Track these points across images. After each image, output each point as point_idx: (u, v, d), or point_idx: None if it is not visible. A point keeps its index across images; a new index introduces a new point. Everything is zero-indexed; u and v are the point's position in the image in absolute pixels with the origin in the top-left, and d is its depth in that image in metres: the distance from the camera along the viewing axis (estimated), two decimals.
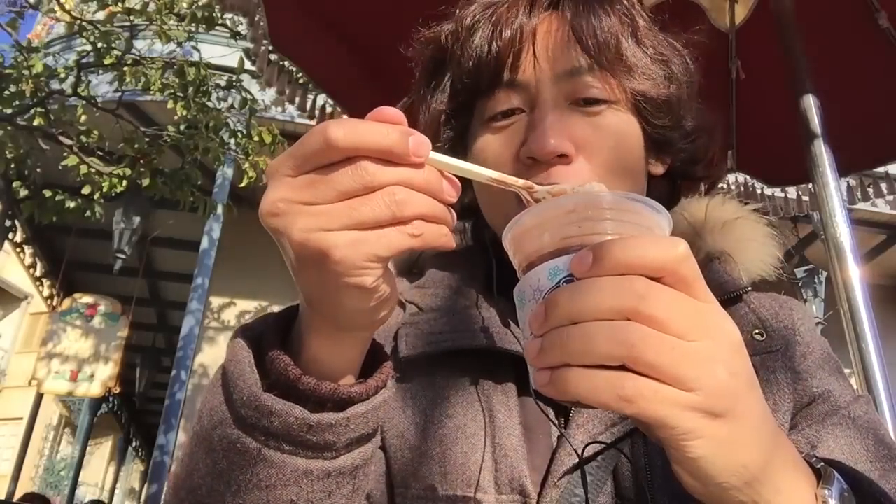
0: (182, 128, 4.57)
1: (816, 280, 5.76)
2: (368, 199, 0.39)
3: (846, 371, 0.73)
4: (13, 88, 4.21)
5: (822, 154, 1.62)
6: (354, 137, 0.39)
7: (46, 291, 8.04)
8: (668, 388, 0.36)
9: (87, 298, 6.90)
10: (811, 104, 1.65)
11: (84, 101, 4.48)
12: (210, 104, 4.60)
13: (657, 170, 0.73)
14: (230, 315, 6.63)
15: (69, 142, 4.35)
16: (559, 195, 0.47)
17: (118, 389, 7.34)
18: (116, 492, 16.55)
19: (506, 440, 0.61)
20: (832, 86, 1.74)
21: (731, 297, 0.69)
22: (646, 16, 0.71)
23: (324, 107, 2.29)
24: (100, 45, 4.46)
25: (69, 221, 5.11)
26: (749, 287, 0.71)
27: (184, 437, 5.31)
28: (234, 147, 4.81)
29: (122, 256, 5.80)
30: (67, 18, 4.64)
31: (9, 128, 4.34)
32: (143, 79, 4.51)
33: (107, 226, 5.54)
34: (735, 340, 0.39)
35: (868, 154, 2.24)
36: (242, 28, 3.82)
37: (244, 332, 0.50)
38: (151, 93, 4.56)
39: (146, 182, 4.42)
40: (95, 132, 4.45)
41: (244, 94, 4.73)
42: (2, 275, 15.64)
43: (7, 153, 4.40)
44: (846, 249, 1.55)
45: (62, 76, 4.53)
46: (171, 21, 4.51)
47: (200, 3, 4.46)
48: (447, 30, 0.74)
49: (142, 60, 4.57)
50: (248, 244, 5.55)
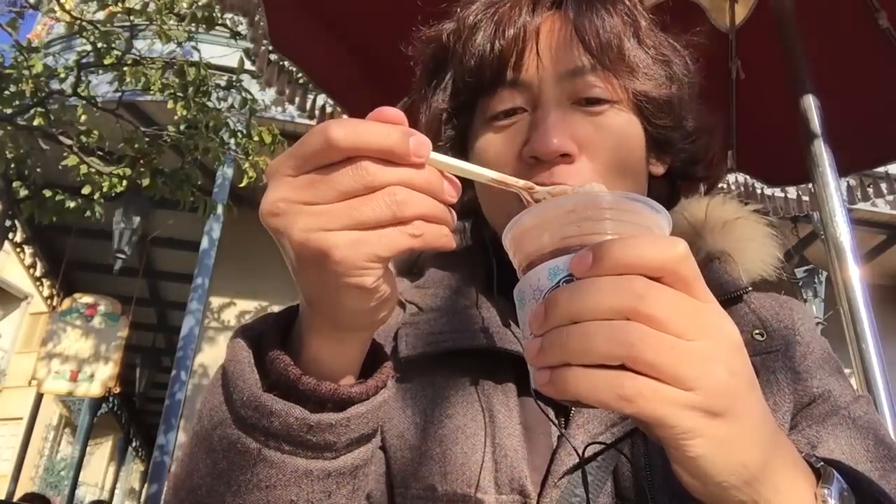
0: (182, 128, 4.57)
1: (816, 280, 5.76)
2: (369, 200, 0.39)
3: (846, 371, 0.73)
4: (13, 88, 4.21)
5: (822, 154, 1.62)
6: (355, 137, 0.39)
7: (46, 291, 8.04)
8: (668, 388, 0.36)
9: (87, 298, 6.90)
10: (811, 104, 1.65)
11: (84, 101, 4.48)
12: (210, 104, 4.60)
13: (658, 170, 0.74)
14: (230, 315, 6.63)
15: (69, 142, 4.36)
16: (559, 196, 0.47)
17: (118, 389, 7.34)
18: (116, 492, 16.54)
19: (506, 440, 0.61)
20: (832, 86, 1.74)
21: (732, 297, 0.69)
22: (647, 16, 0.71)
23: (324, 107, 2.28)
24: (100, 45, 4.46)
25: (69, 221, 5.11)
26: (749, 287, 0.71)
27: (184, 437, 5.31)
28: (234, 147, 4.81)
29: (122, 256, 5.80)
30: (67, 18, 4.64)
31: (9, 128, 4.34)
32: (143, 79, 4.51)
33: (107, 226, 5.54)
34: (734, 340, 0.39)
35: (868, 154, 2.24)
36: (242, 28, 3.82)
37: (244, 332, 0.50)
38: (151, 93, 4.56)
39: (146, 182, 4.42)
40: (95, 132, 4.45)
41: (244, 94, 4.73)
42: (2, 275, 15.64)
43: (7, 153, 4.40)
44: (846, 249, 1.55)
45: (62, 76, 4.53)
46: (171, 21, 4.51)
47: (200, 3, 4.46)
48: (449, 28, 0.73)
49: (142, 60, 4.57)
50: (248, 244, 5.55)
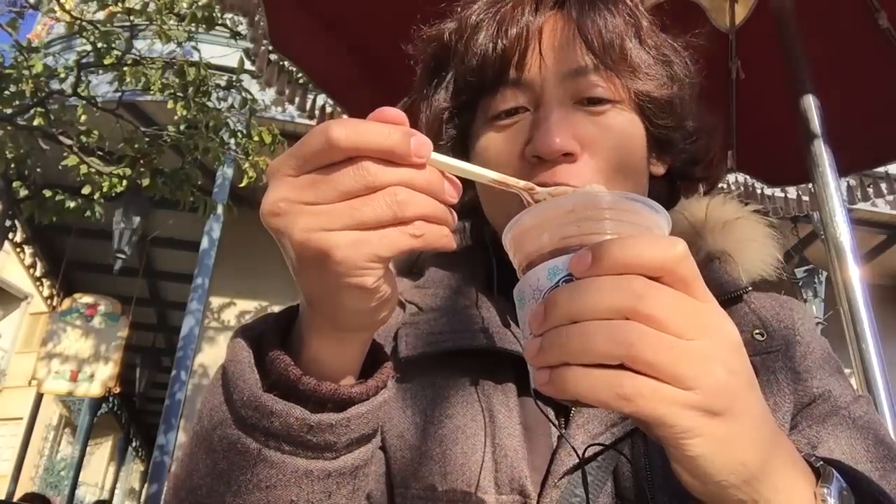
0: (182, 128, 4.57)
1: (816, 280, 5.76)
2: (370, 200, 0.39)
3: (846, 371, 0.73)
4: (13, 88, 4.21)
5: (822, 154, 1.62)
6: (356, 138, 0.39)
7: (46, 291, 8.04)
8: (667, 387, 0.36)
9: (87, 298, 6.90)
10: (811, 104, 1.65)
11: (84, 101, 4.48)
12: (210, 104, 4.61)
13: (658, 170, 0.74)
14: (230, 315, 6.63)
15: (69, 142, 4.36)
16: (559, 196, 0.47)
17: (118, 389, 7.34)
18: (116, 492, 16.54)
19: (506, 440, 0.61)
20: (832, 86, 1.74)
21: (732, 297, 0.69)
22: (648, 17, 0.71)
23: (324, 107, 2.28)
24: (100, 45, 4.46)
25: (69, 221, 5.11)
26: (749, 287, 0.71)
27: (184, 437, 5.31)
28: (234, 147, 4.82)
29: (122, 256, 5.80)
30: (67, 18, 4.64)
31: (9, 128, 4.34)
32: (143, 79, 4.52)
33: (107, 226, 5.54)
34: (733, 339, 0.39)
35: (868, 154, 2.24)
36: (242, 28, 3.82)
37: (244, 333, 0.50)
38: (151, 93, 4.57)
39: (146, 182, 4.43)
40: (95, 132, 4.45)
41: (244, 94, 4.73)
42: (2, 275, 15.64)
43: (7, 153, 4.40)
44: (846, 249, 1.55)
45: (62, 76, 4.54)
46: (171, 21, 4.52)
47: (200, 3, 4.46)
48: (450, 28, 0.73)
49: (142, 60, 4.57)
50: (248, 244, 5.55)
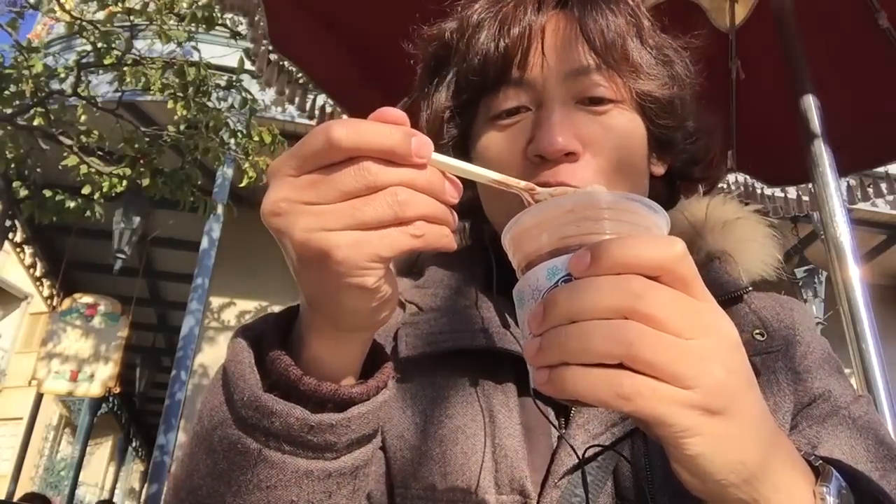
0: (182, 128, 4.57)
1: (816, 280, 5.76)
2: (371, 200, 0.39)
3: (846, 371, 0.73)
4: (13, 88, 4.21)
5: (822, 154, 1.62)
6: (357, 138, 0.39)
7: (46, 291, 8.04)
8: (666, 386, 0.36)
9: (87, 298, 6.90)
10: (811, 104, 1.65)
11: (84, 101, 4.48)
12: (210, 104, 4.60)
13: (658, 170, 0.74)
14: (230, 315, 6.63)
15: (69, 142, 4.36)
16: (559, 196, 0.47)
17: (118, 389, 7.34)
18: (116, 492, 16.54)
19: (506, 440, 0.61)
20: (832, 86, 1.75)
21: (732, 297, 0.69)
22: (649, 17, 0.71)
23: (324, 107, 2.28)
24: (100, 45, 4.46)
25: (69, 221, 5.11)
26: (749, 287, 0.71)
27: (184, 437, 5.31)
28: (234, 147, 4.81)
29: (122, 256, 5.80)
30: (67, 18, 4.64)
31: (9, 128, 4.34)
32: (143, 79, 4.51)
33: (107, 226, 5.54)
34: (732, 339, 0.39)
35: (868, 154, 2.24)
36: (242, 28, 3.81)
37: (244, 333, 0.49)
38: (151, 93, 4.56)
39: (146, 182, 4.42)
40: (95, 132, 4.45)
41: (244, 94, 4.73)
42: (2, 275, 15.64)
43: (7, 153, 4.40)
44: (846, 249, 1.55)
45: (62, 76, 4.54)
46: (171, 21, 4.52)
47: (200, 3, 4.46)
48: (451, 27, 0.73)
49: (142, 60, 4.57)
50: (248, 244, 5.55)
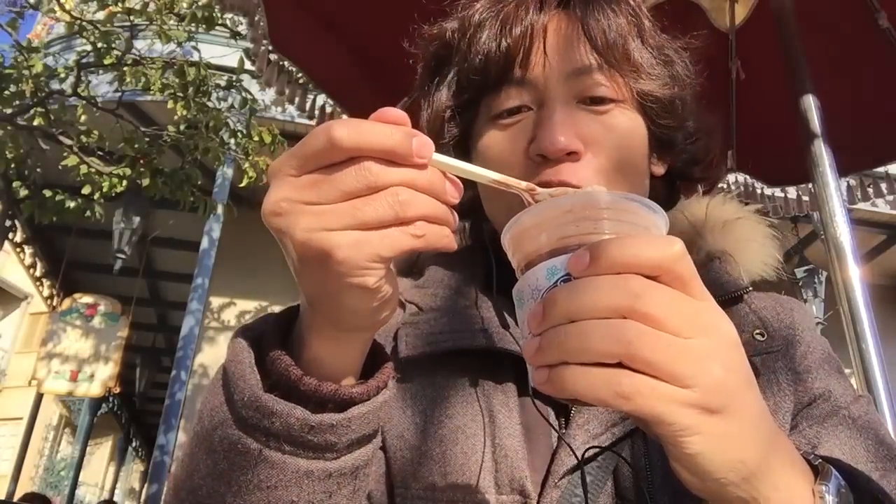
0: (182, 128, 4.57)
1: (816, 280, 5.76)
2: (372, 200, 0.39)
3: (846, 371, 0.73)
4: (13, 88, 4.21)
5: (822, 154, 1.62)
6: (358, 138, 0.39)
7: (46, 291, 8.04)
8: (665, 385, 0.36)
9: (87, 298, 6.91)
10: (811, 104, 1.65)
11: (84, 101, 4.48)
12: (210, 104, 4.61)
13: (658, 170, 0.74)
14: (230, 315, 6.63)
15: (69, 142, 4.36)
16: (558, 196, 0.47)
17: (118, 389, 7.35)
18: (116, 492, 16.54)
19: (506, 440, 0.61)
20: (832, 86, 1.75)
21: (732, 297, 0.69)
22: (650, 17, 0.71)
23: (324, 107, 2.28)
24: (100, 45, 4.46)
25: (69, 221, 5.11)
26: (749, 287, 0.71)
27: (184, 437, 5.31)
28: (234, 147, 4.82)
29: (122, 256, 5.81)
30: (67, 18, 4.64)
31: (9, 128, 4.34)
32: (143, 79, 4.52)
33: (107, 226, 5.54)
34: (731, 338, 0.39)
35: (868, 154, 2.24)
36: (242, 28, 3.81)
37: (245, 333, 0.49)
38: (151, 93, 4.56)
39: (146, 182, 4.43)
40: (95, 132, 4.45)
41: (244, 94, 4.73)
42: (2, 275, 15.63)
43: (7, 153, 4.40)
44: (846, 249, 1.55)
45: (62, 76, 4.54)
46: (171, 21, 4.52)
47: (200, 3, 4.46)
48: (453, 26, 0.73)
49: (142, 60, 4.57)
50: (248, 244, 5.55)
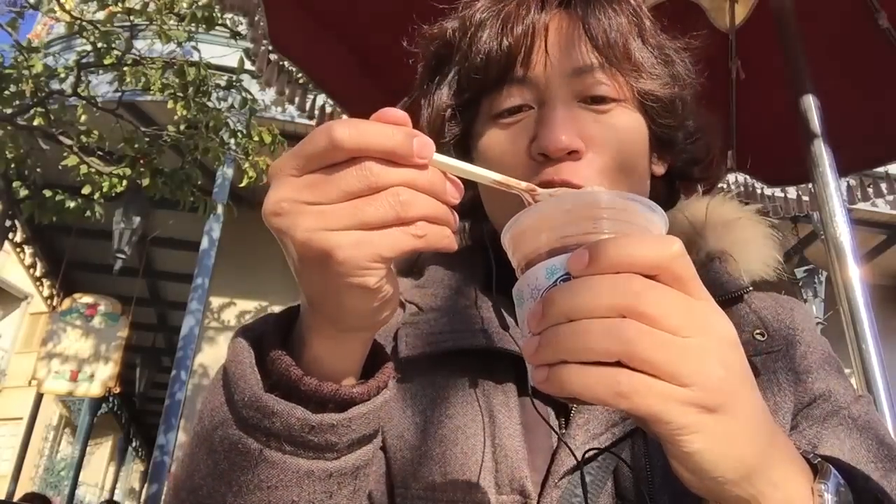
0: (182, 128, 4.58)
1: (816, 280, 5.77)
2: (373, 200, 0.39)
3: (846, 371, 0.73)
4: (13, 88, 4.21)
5: (822, 154, 1.62)
6: (359, 138, 0.39)
7: (46, 291, 8.04)
8: (663, 384, 0.36)
9: (87, 298, 6.91)
10: (811, 104, 1.65)
11: (84, 101, 4.49)
12: (210, 104, 4.61)
13: (659, 170, 0.74)
14: (230, 315, 6.63)
15: (69, 142, 4.36)
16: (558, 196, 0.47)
17: (118, 389, 7.35)
18: (116, 492, 16.54)
19: (506, 440, 0.61)
20: (832, 86, 1.75)
21: (732, 297, 0.69)
22: (650, 17, 0.71)
23: (323, 107, 2.28)
24: (100, 45, 4.47)
25: (69, 221, 5.11)
26: (750, 287, 0.71)
27: (184, 437, 5.31)
28: (234, 147, 4.82)
29: (122, 256, 5.81)
30: (67, 18, 4.64)
31: (9, 128, 4.34)
32: (143, 79, 4.52)
33: (107, 226, 5.54)
34: (729, 337, 0.39)
35: (868, 154, 2.24)
36: (242, 28, 3.82)
37: (245, 333, 0.49)
38: (151, 93, 4.57)
39: (146, 182, 4.43)
40: (95, 132, 4.45)
41: (244, 94, 4.73)
42: (2, 275, 15.63)
43: (7, 153, 4.40)
44: (846, 249, 1.55)
45: (62, 76, 4.54)
46: (171, 21, 4.52)
47: (200, 3, 4.46)
48: (453, 26, 0.73)
49: (142, 60, 4.57)
50: (248, 244, 5.56)
